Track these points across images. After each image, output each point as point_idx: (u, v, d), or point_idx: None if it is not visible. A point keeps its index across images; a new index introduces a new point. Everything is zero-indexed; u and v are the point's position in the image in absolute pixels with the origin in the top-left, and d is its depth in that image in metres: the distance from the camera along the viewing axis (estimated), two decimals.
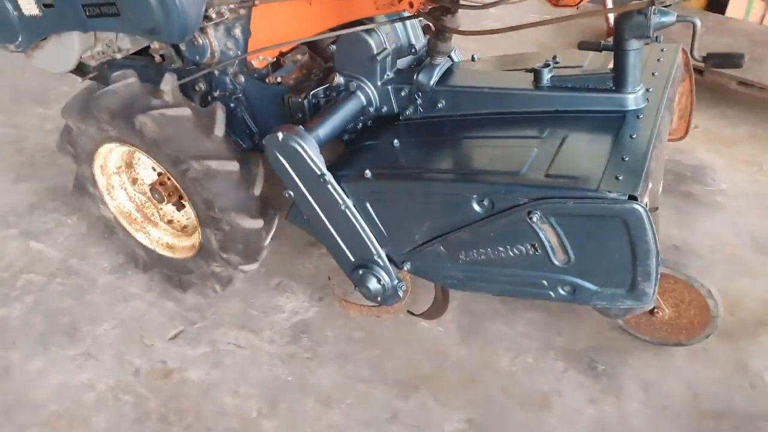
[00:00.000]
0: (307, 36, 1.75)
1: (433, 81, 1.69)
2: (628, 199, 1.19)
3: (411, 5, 1.42)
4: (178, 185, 1.86)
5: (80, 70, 2.24)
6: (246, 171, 1.81)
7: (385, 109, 1.80)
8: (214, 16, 1.82)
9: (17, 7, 1.95)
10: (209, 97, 2.10)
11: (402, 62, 1.82)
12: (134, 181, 2.16)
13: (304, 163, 1.55)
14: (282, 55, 1.96)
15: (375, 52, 1.71)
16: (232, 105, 2.07)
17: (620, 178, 1.23)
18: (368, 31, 1.70)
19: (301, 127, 1.58)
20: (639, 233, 1.21)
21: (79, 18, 1.85)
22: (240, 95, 2.04)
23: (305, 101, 1.88)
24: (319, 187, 1.57)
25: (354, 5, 1.54)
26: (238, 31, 1.87)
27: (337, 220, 1.62)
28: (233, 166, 1.76)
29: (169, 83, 1.82)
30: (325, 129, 1.66)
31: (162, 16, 1.69)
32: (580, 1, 1.29)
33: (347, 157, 1.69)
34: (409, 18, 1.68)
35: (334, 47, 1.81)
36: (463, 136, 1.62)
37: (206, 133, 1.77)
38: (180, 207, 2.05)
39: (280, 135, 1.54)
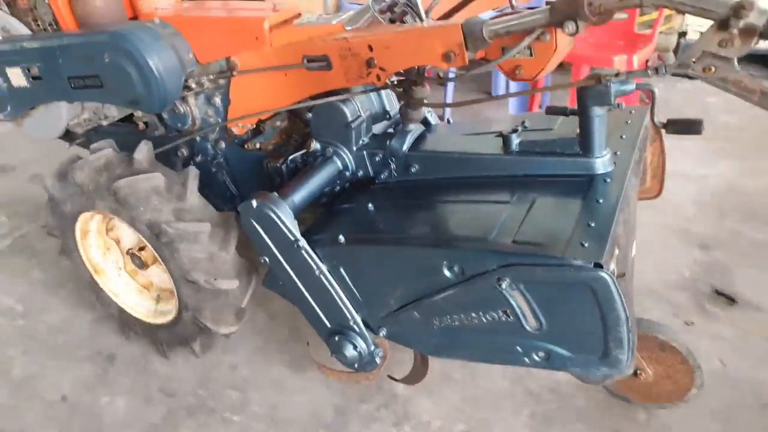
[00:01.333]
0: (284, 105, 1.80)
1: (405, 147, 1.72)
2: (594, 266, 1.20)
3: (378, 78, 1.46)
4: (153, 250, 1.87)
5: (68, 135, 2.29)
6: (219, 231, 1.82)
7: (360, 173, 1.83)
8: (193, 86, 1.87)
9: (6, 79, 2.01)
10: (191, 162, 2.14)
11: (377, 127, 1.86)
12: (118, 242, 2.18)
13: (278, 230, 1.56)
14: (262, 121, 2.00)
15: (349, 119, 1.75)
16: (213, 170, 2.10)
17: (586, 244, 1.24)
18: (343, 100, 1.74)
19: (275, 194, 1.60)
20: (607, 301, 1.21)
21: (65, 89, 1.91)
22: (221, 160, 2.08)
23: (283, 166, 1.91)
24: (294, 253, 1.58)
25: (327, 77, 1.59)
26: (218, 100, 1.92)
27: (312, 286, 1.62)
28: (204, 227, 1.77)
29: (143, 151, 1.86)
30: (300, 194, 1.68)
31: (143, 88, 1.74)
32: (536, 75, 1.33)
33: (322, 221, 1.70)
34: (380, 89, 1.73)
35: (310, 114, 1.85)
36: (435, 200, 1.64)
37: (178, 196, 1.80)
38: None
39: (254, 203, 1.55)
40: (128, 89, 1.76)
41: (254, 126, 2.01)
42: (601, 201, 1.39)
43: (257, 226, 1.58)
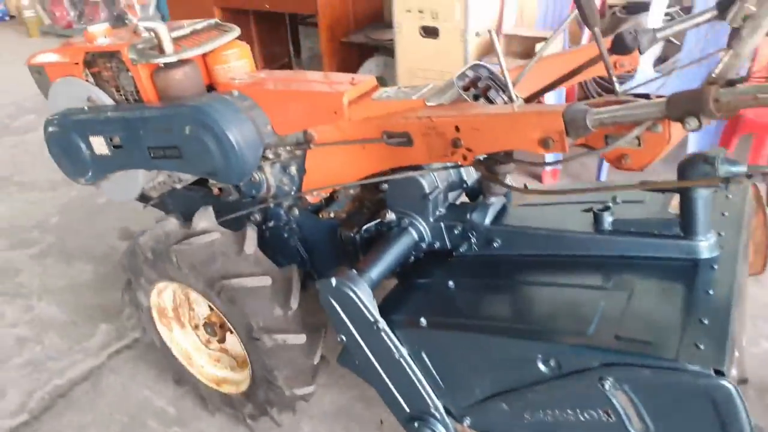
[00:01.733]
0: (360, 177, 1.77)
1: (487, 220, 1.66)
2: (714, 374, 1.09)
3: (464, 158, 1.41)
4: (219, 312, 1.86)
5: (143, 197, 2.34)
6: (281, 285, 1.79)
7: (437, 244, 1.77)
8: (271, 156, 1.87)
9: (90, 147, 2.07)
10: (263, 227, 2.13)
11: (454, 195, 1.81)
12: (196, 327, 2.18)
13: (357, 309, 1.51)
14: (335, 189, 1.98)
15: (427, 191, 1.71)
16: (285, 235, 2.09)
17: (701, 346, 1.13)
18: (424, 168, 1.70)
19: (353, 271, 1.55)
20: (729, 412, 1.10)
21: (144, 158, 1.94)
22: (294, 226, 2.06)
23: (357, 236, 1.87)
24: (373, 334, 1.52)
25: (407, 153, 1.55)
26: (293, 169, 1.91)
27: (390, 368, 1.55)
28: (265, 281, 1.74)
29: (202, 217, 1.86)
30: (377, 269, 1.63)
31: (221, 160, 1.75)
32: (645, 166, 1.25)
33: (399, 297, 1.65)
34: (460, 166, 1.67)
35: (386, 184, 1.82)
36: (521, 280, 1.56)
37: (237, 252, 1.78)
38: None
39: (333, 281, 1.51)
40: (207, 161, 1.77)
41: (328, 194, 1.99)
42: (711, 292, 1.28)
43: (336, 304, 1.54)
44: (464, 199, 1.91)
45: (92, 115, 2.03)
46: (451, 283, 1.60)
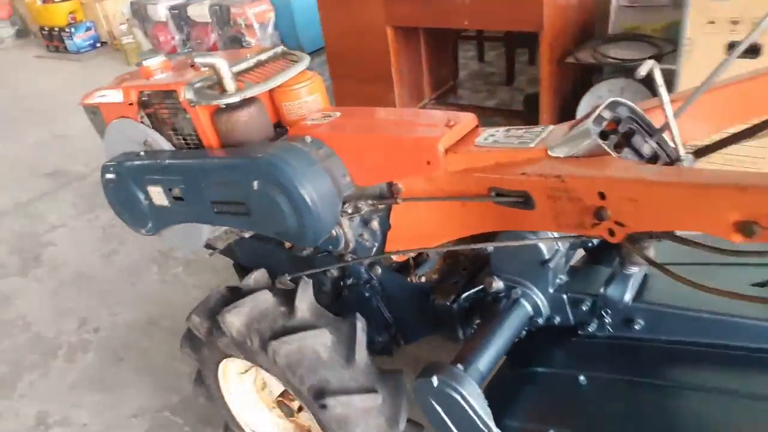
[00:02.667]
0: (455, 237, 1.46)
1: (628, 296, 1.31)
2: None
3: (611, 234, 1.06)
4: (313, 416, 1.57)
5: (208, 245, 2.11)
6: (388, 400, 1.49)
7: (557, 320, 1.44)
8: (349, 210, 1.59)
9: (148, 198, 1.86)
10: (341, 283, 1.86)
11: (575, 256, 1.47)
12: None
13: (465, 415, 1.21)
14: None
15: (546, 256, 1.38)
16: (366, 294, 1.81)
17: None
18: (536, 232, 1.38)
19: (458, 367, 1.25)
20: None
21: (207, 214, 1.71)
22: (376, 285, 1.78)
23: (454, 305, 1.57)
24: None
25: (524, 217, 1.22)
26: (375, 224, 1.62)
27: None
28: (375, 399, 1.45)
29: (304, 300, 1.58)
30: (486, 359, 1.32)
31: (294, 221, 1.48)
32: None
33: (514, 392, 1.33)
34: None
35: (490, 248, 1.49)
36: (676, 379, 1.21)
37: (346, 360, 1.49)
38: None
39: (435, 381, 1.22)
40: (279, 221, 1.51)
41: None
42: None
43: (438, 407, 1.24)
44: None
45: (149, 162, 1.81)
46: (582, 378, 1.28)
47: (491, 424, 1.20)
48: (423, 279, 1.66)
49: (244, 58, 1.77)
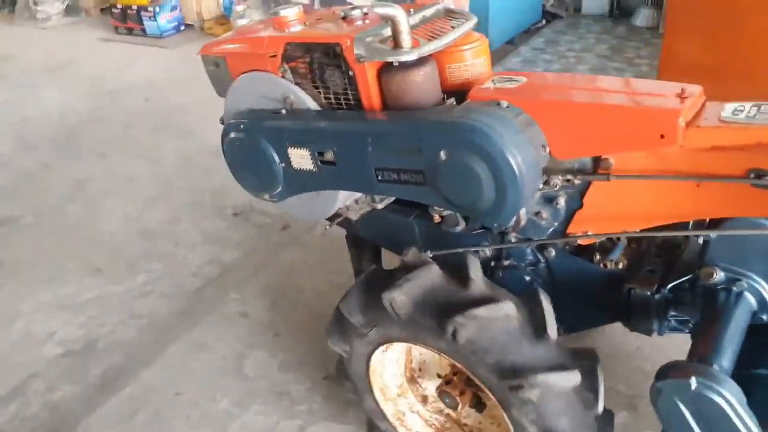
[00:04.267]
0: (671, 220, 1.32)
1: None
2: None
3: None
4: (491, 395, 1.43)
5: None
6: (586, 380, 1.36)
7: None
8: (540, 185, 1.44)
9: (286, 160, 1.69)
10: (492, 263, 1.72)
11: None
12: (424, 400, 1.78)
13: (725, 420, 1.09)
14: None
15: None
16: (527, 278, 1.67)
17: None
18: None
19: (715, 368, 1.12)
20: None
21: (367, 181, 1.55)
22: (543, 269, 1.64)
23: (655, 295, 1.43)
24: None
25: None
26: (561, 200, 1.48)
27: None
28: (573, 377, 1.32)
29: (478, 273, 1.44)
30: (728, 359, 1.19)
31: (493, 195, 1.33)
32: None
33: (757, 398, 1.20)
34: None
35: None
36: None
37: (536, 335, 1.36)
38: (480, 408, 1.63)
39: (694, 382, 1.08)
40: (472, 194, 1.36)
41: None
42: None
43: (686, 411, 1.12)
44: None
45: (295, 122, 1.65)
46: None
47: (757, 430, 1.07)
48: (615, 265, 1.52)
49: (409, 13, 1.60)
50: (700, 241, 1.39)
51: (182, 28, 6.66)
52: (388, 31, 1.50)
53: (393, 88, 1.51)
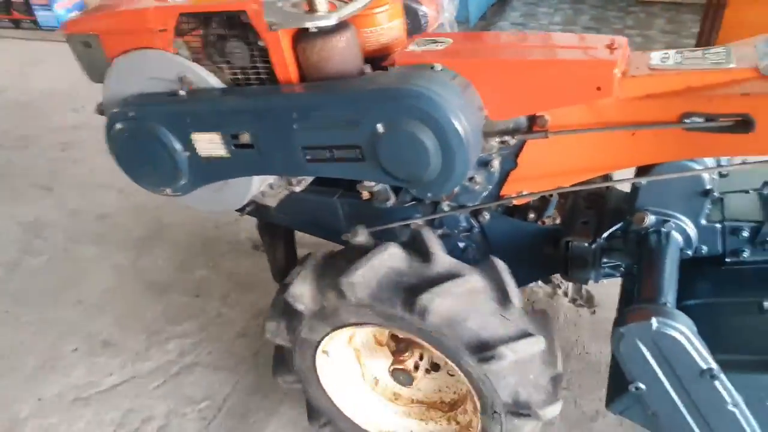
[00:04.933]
0: (609, 170, 1.37)
1: None
2: None
3: None
4: (466, 374, 1.39)
5: None
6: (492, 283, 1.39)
7: (704, 249, 1.42)
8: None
9: (189, 148, 1.51)
10: None
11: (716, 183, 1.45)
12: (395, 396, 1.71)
13: (684, 355, 1.15)
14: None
15: (708, 186, 1.34)
16: (461, 245, 1.66)
17: None
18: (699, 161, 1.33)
19: (668, 306, 1.18)
20: None
21: (294, 162, 1.42)
22: (476, 234, 1.63)
23: (593, 246, 1.48)
24: (701, 382, 1.17)
25: (735, 141, 1.16)
26: (495, 163, 1.47)
27: (716, 421, 1.21)
28: (538, 343, 1.33)
29: (439, 247, 1.39)
30: (672, 296, 1.26)
31: (439, 164, 1.28)
32: None
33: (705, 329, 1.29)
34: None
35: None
36: None
37: (502, 305, 1.34)
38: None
39: (654, 322, 1.13)
40: (417, 164, 1.29)
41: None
42: None
43: (645, 350, 1.16)
44: None
45: (198, 104, 1.47)
46: (767, 304, 1.27)
47: (712, 361, 1.15)
48: (546, 221, 1.55)
49: None
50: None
51: None
52: None
53: (313, 57, 1.39)
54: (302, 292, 1.40)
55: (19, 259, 2.74)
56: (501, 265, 1.39)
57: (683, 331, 1.13)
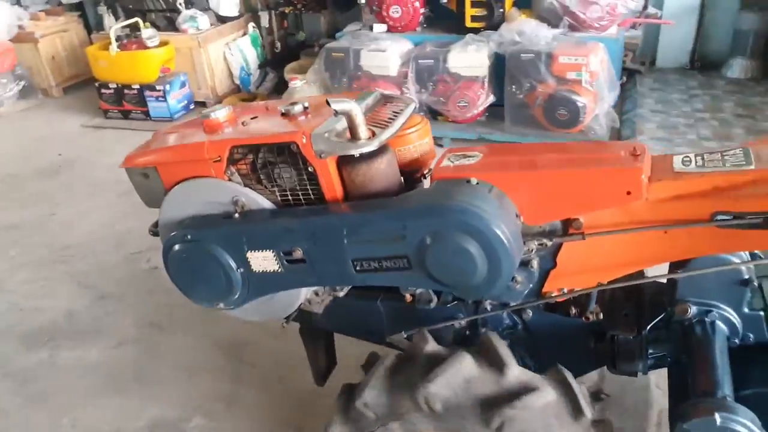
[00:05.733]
0: (639, 267, 1.44)
1: None
2: None
3: None
4: None
5: None
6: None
7: (751, 338, 1.45)
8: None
9: (244, 265, 1.60)
10: (466, 333, 1.73)
11: None
12: None
13: None
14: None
15: (746, 276, 1.39)
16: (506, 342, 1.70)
17: None
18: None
19: (729, 400, 1.20)
20: None
21: (342, 273, 1.51)
22: (520, 332, 1.68)
23: (638, 338, 1.52)
24: None
25: (760, 237, 1.24)
26: (535, 263, 1.54)
27: None
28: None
29: (511, 358, 1.43)
30: (728, 384, 1.28)
31: (485, 270, 1.36)
32: None
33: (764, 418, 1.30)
34: None
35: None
36: None
37: (574, 417, 1.36)
38: None
39: (718, 418, 1.15)
40: (463, 272, 1.37)
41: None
42: None
43: None
44: None
45: (253, 224, 1.58)
46: None
47: None
48: (590, 316, 1.60)
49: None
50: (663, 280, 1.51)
51: (192, 107, 5.55)
52: (338, 125, 1.51)
53: (358, 179, 1.51)
54: (374, 400, 1.43)
55: None
56: (569, 375, 1.43)
57: (747, 425, 1.15)
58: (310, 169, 1.52)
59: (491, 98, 4.31)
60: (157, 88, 5.27)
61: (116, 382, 2.63)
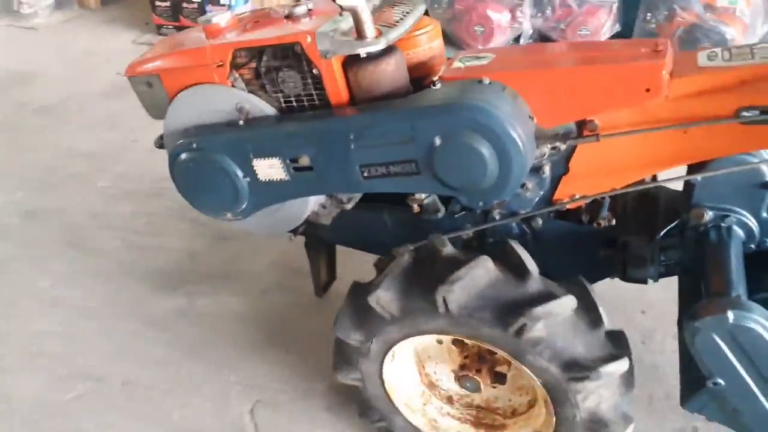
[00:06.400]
0: (657, 169, 1.38)
1: None
2: None
3: None
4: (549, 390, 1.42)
5: None
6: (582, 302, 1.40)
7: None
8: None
9: (250, 173, 1.57)
10: (477, 244, 1.71)
11: None
12: (450, 400, 1.73)
13: (763, 347, 1.14)
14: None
15: (767, 177, 1.34)
16: None
17: None
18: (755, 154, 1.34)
19: (742, 298, 1.18)
20: None
21: (350, 180, 1.47)
22: (528, 239, 1.65)
23: (654, 246, 1.49)
24: None
25: None
26: (546, 168, 1.50)
27: None
28: (623, 365, 1.34)
29: (533, 265, 1.42)
30: (742, 286, 1.26)
31: (496, 171, 1.32)
32: None
33: None
34: None
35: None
36: None
37: (592, 325, 1.37)
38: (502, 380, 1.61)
39: (731, 315, 1.13)
40: (474, 174, 1.33)
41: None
42: None
43: (722, 344, 1.16)
44: None
45: (258, 131, 1.54)
46: None
47: None
48: (601, 222, 1.56)
49: None
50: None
51: None
52: (343, 24, 1.44)
53: (365, 80, 1.45)
54: (388, 298, 1.43)
55: None
56: (589, 285, 1.42)
57: (761, 322, 1.13)
58: (315, 72, 1.47)
59: (617, 27, 3.75)
60: (221, 2, 4.55)
61: (274, 334, 2.27)
